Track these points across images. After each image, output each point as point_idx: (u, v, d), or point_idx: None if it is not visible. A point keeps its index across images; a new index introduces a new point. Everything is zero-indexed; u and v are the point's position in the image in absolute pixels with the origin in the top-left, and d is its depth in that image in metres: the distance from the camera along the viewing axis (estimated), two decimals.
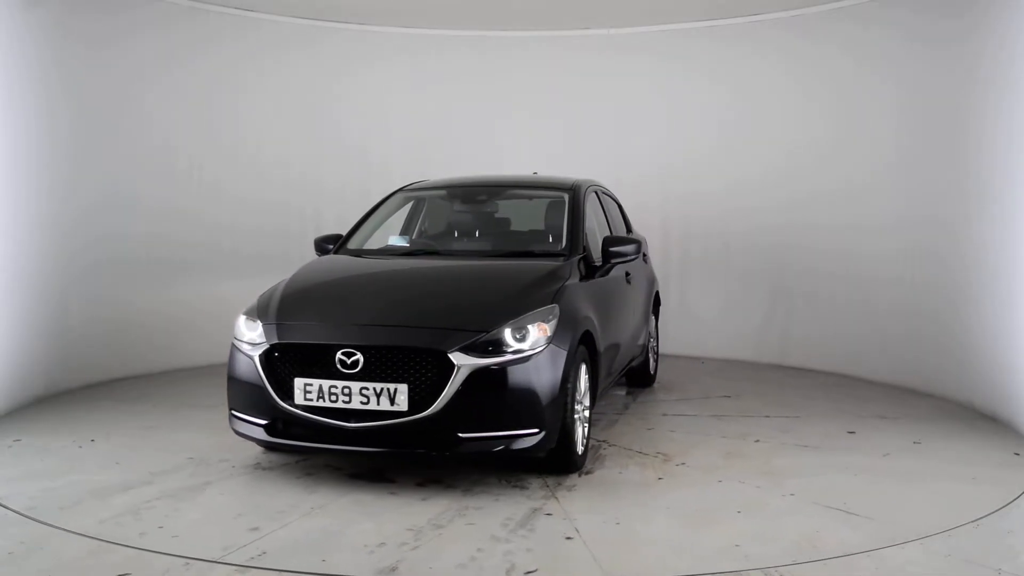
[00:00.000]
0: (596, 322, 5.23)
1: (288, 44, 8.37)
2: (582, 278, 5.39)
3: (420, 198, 6.38)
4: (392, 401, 4.35)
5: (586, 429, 5.06)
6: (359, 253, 5.74)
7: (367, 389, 4.37)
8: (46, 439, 5.42)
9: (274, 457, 5.07)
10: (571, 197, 5.93)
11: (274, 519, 4.10)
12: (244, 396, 4.68)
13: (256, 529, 3.97)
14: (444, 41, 8.77)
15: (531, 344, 4.49)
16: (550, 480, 4.72)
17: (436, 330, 4.45)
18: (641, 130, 8.81)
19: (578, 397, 4.86)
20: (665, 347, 8.63)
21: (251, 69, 8.23)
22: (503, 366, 4.40)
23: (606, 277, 5.71)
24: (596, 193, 6.48)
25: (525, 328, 4.51)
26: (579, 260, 5.43)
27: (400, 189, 6.43)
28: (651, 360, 7.35)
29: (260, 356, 4.58)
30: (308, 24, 8.33)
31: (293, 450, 4.72)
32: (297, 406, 4.46)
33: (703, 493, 4.58)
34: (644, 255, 7.19)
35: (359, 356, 4.39)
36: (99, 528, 3.94)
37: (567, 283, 5.06)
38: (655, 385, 7.45)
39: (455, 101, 8.88)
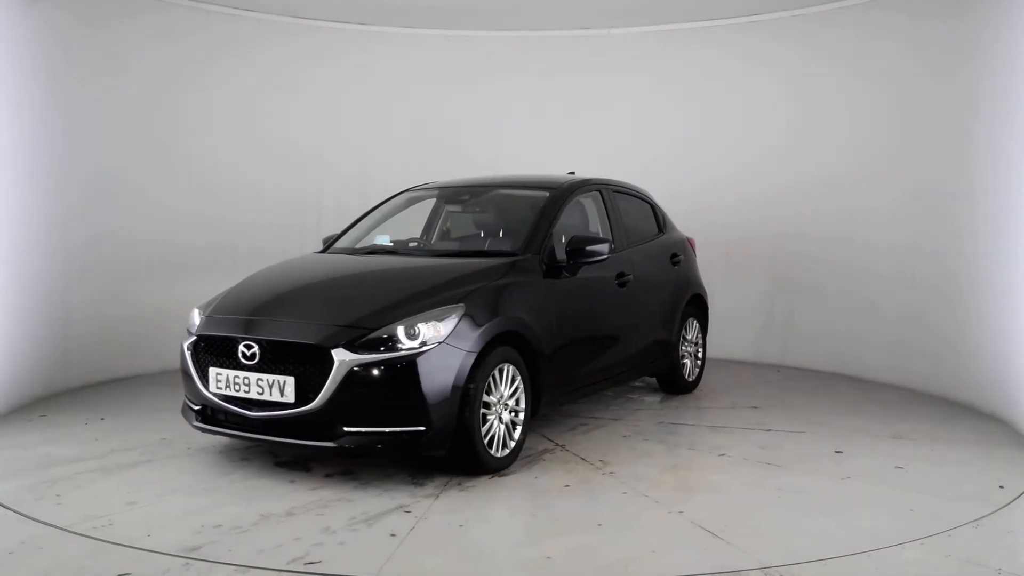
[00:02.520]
0: (538, 324, 5.16)
1: (288, 43, 8.42)
2: (545, 277, 5.35)
3: (420, 199, 6.52)
4: (282, 393, 4.56)
5: (516, 431, 5.01)
6: (348, 252, 5.96)
7: (262, 380, 4.61)
8: (65, 416, 6.09)
9: (230, 441, 5.41)
10: (550, 197, 5.86)
11: (159, 497, 4.44)
12: (185, 383, 5.08)
13: (132, 504, 4.32)
14: (444, 41, 8.82)
15: (420, 343, 4.53)
16: (454, 480, 4.73)
17: (325, 326, 4.61)
18: (640, 129, 8.79)
19: (497, 398, 4.84)
20: (744, 354, 8.47)
21: (251, 68, 8.25)
22: (385, 363, 4.47)
23: (575, 278, 5.58)
24: (601, 193, 6.34)
25: (416, 327, 4.56)
26: (539, 260, 5.38)
27: (407, 190, 6.62)
28: (687, 366, 7.04)
29: (189, 346, 4.96)
30: (309, 24, 8.43)
31: (219, 435, 5.02)
32: (213, 394, 4.80)
33: (590, 504, 4.41)
34: (674, 256, 6.92)
35: (256, 349, 4.64)
36: (9, 496, 4.42)
37: (497, 282, 5.05)
38: (696, 391, 7.15)
39: (455, 101, 8.92)
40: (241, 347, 4.68)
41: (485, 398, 4.78)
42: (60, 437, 5.56)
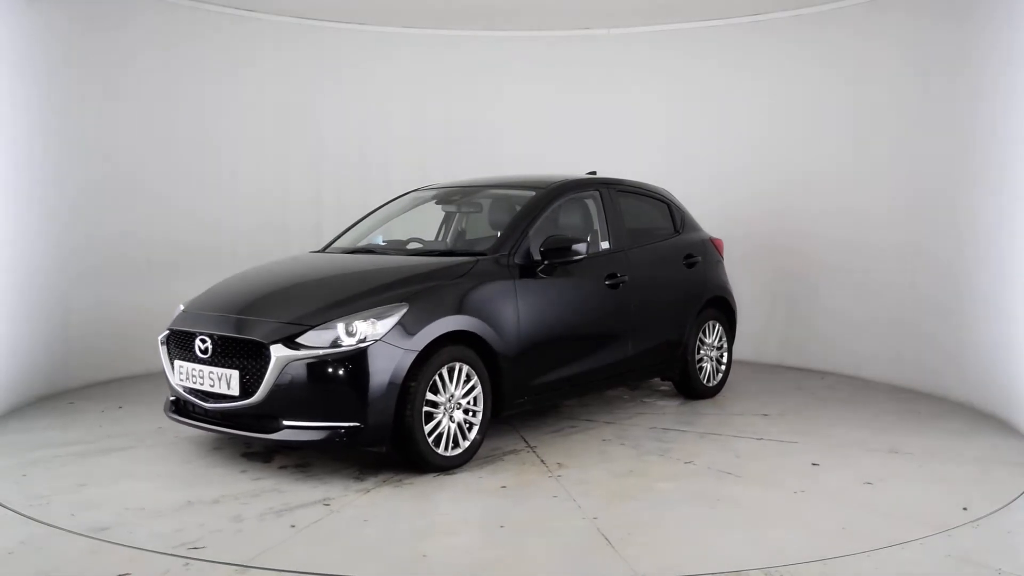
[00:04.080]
0: (499, 324, 5.14)
1: (288, 43, 8.38)
2: (521, 277, 5.33)
3: (424, 199, 6.58)
4: (228, 386, 4.75)
5: (472, 430, 5.01)
6: (339, 252, 6.11)
7: (213, 374, 4.82)
8: (91, 403, 6.51)
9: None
10: (533, 198, 5.84)
11: (110, 480, 4.70)
12: (165, 375, 5.35)
13: (81, 486, 4.60)
14: (444, 42, 8.77)
15: (358, 340, 4.61)
16: (396, 477, 4.78)
17: (268, 323, 4.76)
18: (639, 129, 8.76)
19: (447, 398, 4.86)
20: (792, 359, 8.24)
21: (251, 68, 8.23)
22: (321, 359, 4.58)
23: (551, 279, 5.51)
24: (600, 193, 6.24)
25: (353, 324, 4.64)
26: (508, 259, 5.37)
27: (416, 189, 6.72)
28: (706, 370, 6.81)
29: (163, 339, 5.23)
30: (309, 24, 8.38)
31: (186, 425, 5.23)
32: (178, 385, 5.05)
33: (509, 506, 4.37)
34: (689, 257, 6.72)
35: (209, 343, 4.85)
36: None
37: (452, 282, 5.07)
38: (718, 397, 6.91)
39: (454, 101, 8.87)
40: (197, 341, 4.90)
41: (433, 397, 4.82)
42: (70, 422, 5.96)
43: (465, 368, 4.98)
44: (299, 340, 4.62)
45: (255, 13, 8.12)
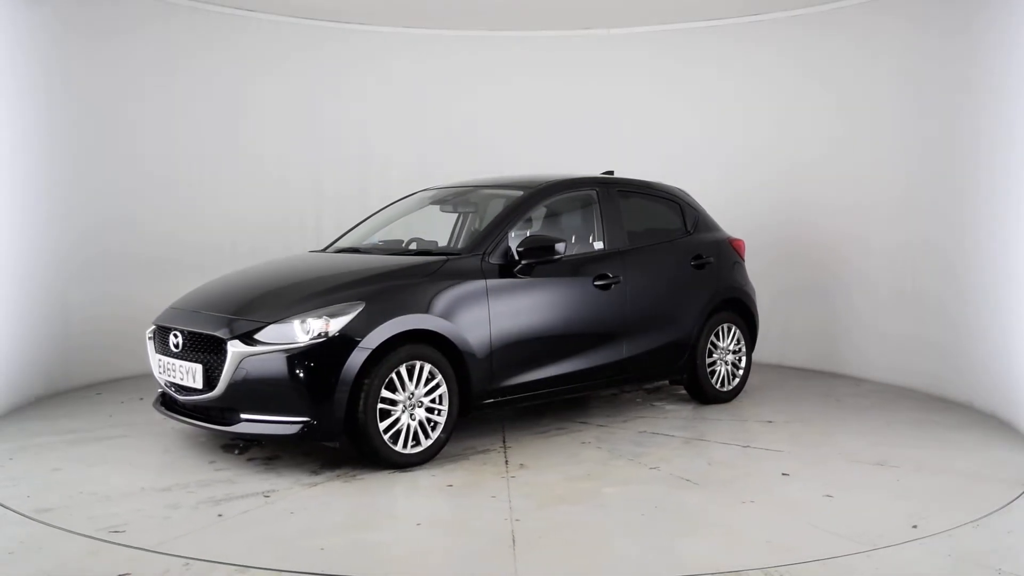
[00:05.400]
0: (466, 324, 5.14)
1: (288, 44, 8.34)
2: (499, 276, 5.34)
3: (429, 199, 6.64)
4: (194, 379, 4.94)
5: (436, 429, 5.04)
6: (332, 252, 6.24)
7: (183, 367, 5.02)
8: (116, 395, 6.84)
9: None
10: (519, 197, 5.82)
11: (84, 467, 4.94)
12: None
13: (56, 470, 4.86)
14: (444, 41, 8.71)
15: (311, 337, 4.71)
16: (350, 472, 4.86)
17: (229, 319, 4.91)
18: (640, 129, 8.72)
19: (406, 396, 4.90)
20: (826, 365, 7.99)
21: (251, 70, 8.20)
22: (274, 355, 4.70)
23: (529, 279, 5.47)
24: (598, 192, 6.16)
25: (307, 321, 4.75)
26: (481, 259, 5.37)
27: (425, 190, 6.79)
28: (719, 374, 6.62)
29: (149, 334, 5.46)
30: (308, 24, 8.34)
31: (169, 417, 5.44)
32: (159, 378, 5.28)
33: (439, 505, 4.43)
34: (698, 257, 6.54)
35: (180, 339, 5.05)
36: None
37: (417, 281, 5.11)
38: (734, 402, 6.71)
39: (454, 101, 8.80)
40: (171, 336, 5.11)
41: (391, 395, 4.86)
42: (84, 412, 6.28)
43: (427, 367, 5.01)
44: (256, 336, 4.76)
45: (255, 14, 8.11)
